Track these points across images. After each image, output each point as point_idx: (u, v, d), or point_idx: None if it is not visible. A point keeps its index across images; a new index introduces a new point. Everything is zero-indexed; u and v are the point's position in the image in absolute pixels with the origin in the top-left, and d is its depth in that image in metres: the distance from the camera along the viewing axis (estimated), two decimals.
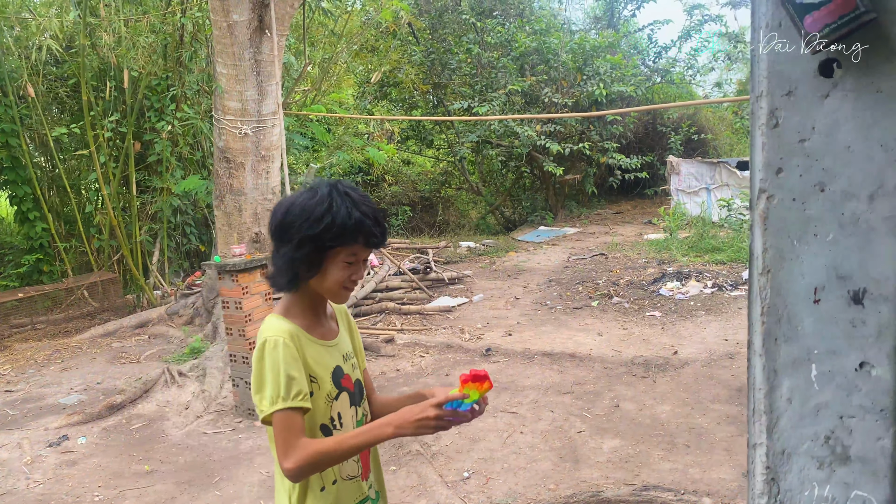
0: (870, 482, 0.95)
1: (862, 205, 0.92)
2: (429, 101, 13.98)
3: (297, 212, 1.68)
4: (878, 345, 0.93)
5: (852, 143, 0.91)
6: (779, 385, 1.00)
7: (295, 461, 1.59)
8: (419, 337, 7.20)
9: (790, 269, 0.97)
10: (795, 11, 0.87)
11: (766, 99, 0.96)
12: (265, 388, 1.63)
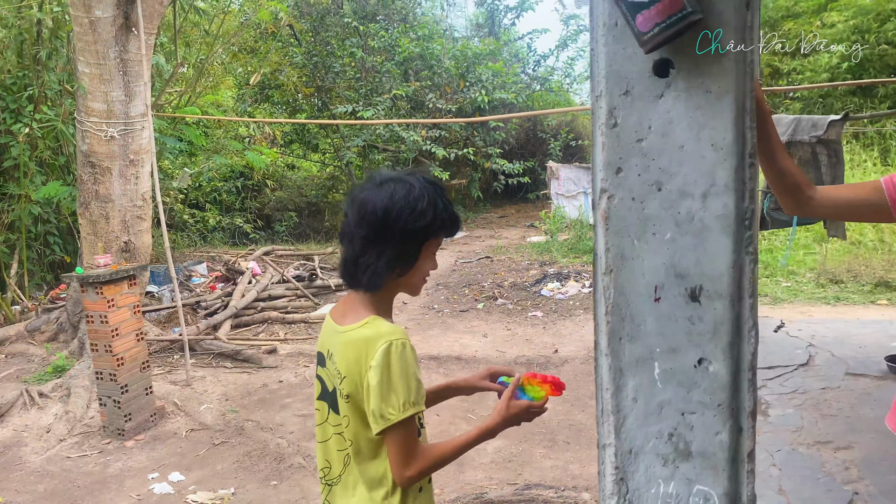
0: (710, 476, 0.97)
1: (696, 203, 0.93)
2: (313, 104, 13.73)
3: (399, 207, 1.62)
4: (715, 341, 0.95)
5: (686, 142, 0.93)
6: (625, 385, 1.00)
7: (418, 467, 1.62)
8: (304, 346, 7.02)
9: (631, 268, 0.97)
10: (628, 10, 0.87)
11: (605, 98, 0.96)
12: (395, 393, 1.57)
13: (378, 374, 1.57)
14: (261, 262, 9.78)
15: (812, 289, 7.90)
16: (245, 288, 8.43)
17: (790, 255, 8.43)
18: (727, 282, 0.93)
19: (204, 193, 12.27)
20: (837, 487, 3.47)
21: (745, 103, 0.91)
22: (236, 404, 5.57)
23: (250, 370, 6.41)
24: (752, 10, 0.90)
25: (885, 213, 1.80)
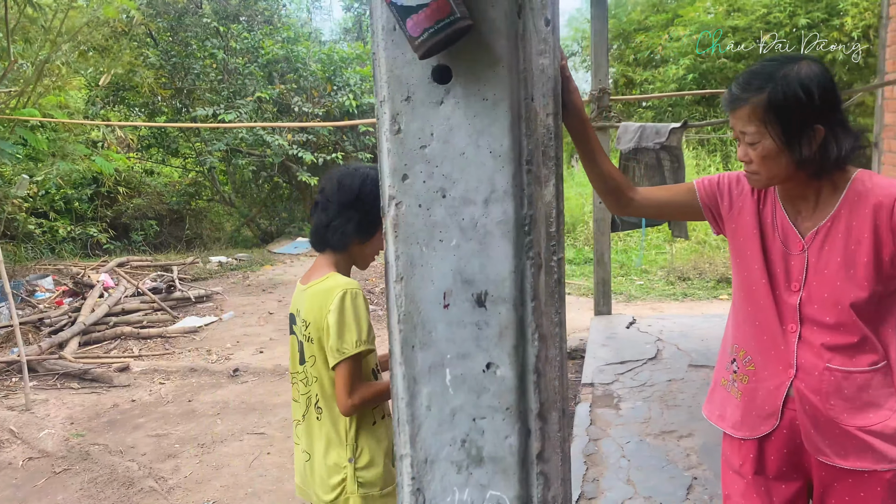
0: (502, 481, 0.97)
1: (479, 210, 0.94)
2: (173, 106, 13.11)
3: (372, 181, 1.99)
4: (501, 345, 0.96)
5: (466, 149, 0.93)
6: (418, 393, 0.99)
7: (359, 396, 1.91)
8: (160, 362, 6.66)
9: (421, 275, 0.97)
10: (398, 14, 0.86)
11: (388, 104, 0.95)
12: (349, 331, 1.89)
13: (335, 316, 1.90)
14: (114, 274, 9.20)
15: (662, 286, 8.41)
16: (95, 302, 7.89)
17: (643, 255, 8.93)
18: (510, 286, 0.94)
19: (51, 201, 11.41)
20: (679, 474, 3.68)
21: (520, 111, 0.92)
22: (83, 427, 5.19)
23: (100, 390, 6.00)
24: (524, 19, 0.92)
25: (697, 213, 1.91)
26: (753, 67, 1.68)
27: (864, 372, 1.70)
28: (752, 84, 1.65)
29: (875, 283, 1.67)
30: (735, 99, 1.68)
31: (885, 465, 1.69)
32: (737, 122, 1.68)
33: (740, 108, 1.67)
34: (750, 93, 1.65)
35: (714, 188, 1.87)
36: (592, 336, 6.04)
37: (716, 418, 1.95)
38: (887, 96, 5.62)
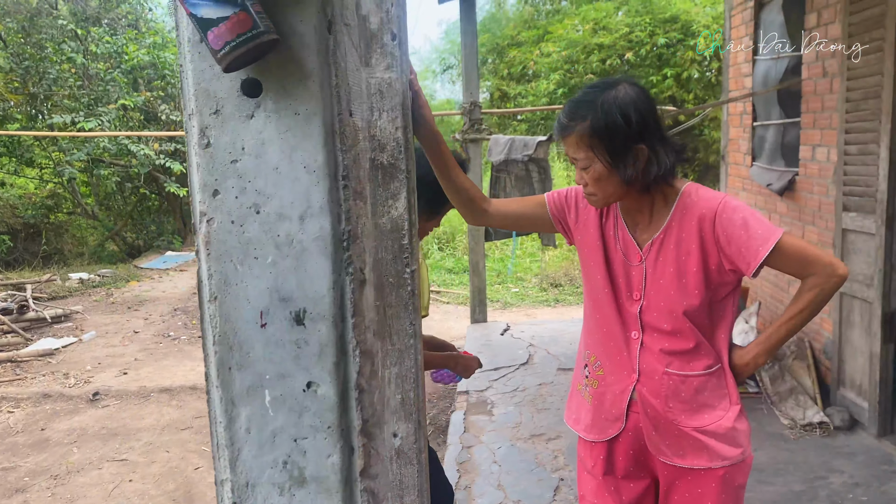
0: (325, 500, 0.96)
1: (294, 226, 0.92)
2: (26, 113, 12.18)
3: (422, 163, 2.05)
4: (321, 363, 0.94)
5: (280, 164, 0.91)
6: (237, 416, 0.95)
7: None
8: (8, 389, 6.14)
9: (236, 294, 0.93)
10: (200, 27, 0.83)
11: (196, 118, 0.91)
12: None
13: None
14: None
15: (536, 293, 8.66)
16: None
17: (517, 262, 9.17)
18: (328, 303, 0.93)
19: None
20: (547, 476, 3.79)
21: (333, 125, 0.92)
22: None
23: None
24: (335, 34, 0.91)
25: (549, 225, 1.98)
26: (577, 96, 1.76)
27: (700, 375, 1.80)
28: (577, 113, 1.73)
29: (705, 291, 1.78)
30: (563, 128, 1.76)
31: (719, 462, 1.80)
32: (568, 149, 1.77)
33: (569, 136, 1.75)
34: (576, 121, 1.73)
35: (563, 201, 1.95)
36: (468, 344, 6.13)
37: (572, 422, 2.02)
38: (731, 112, 6.07)
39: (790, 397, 4.19)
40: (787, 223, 4.88)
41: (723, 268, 1.77)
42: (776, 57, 5.06)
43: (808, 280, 1.77)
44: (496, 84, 14.59)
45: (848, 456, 3.65)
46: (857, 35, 3.81)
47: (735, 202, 1.79)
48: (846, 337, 4.08)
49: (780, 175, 4.91)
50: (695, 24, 12.13)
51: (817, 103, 4.36)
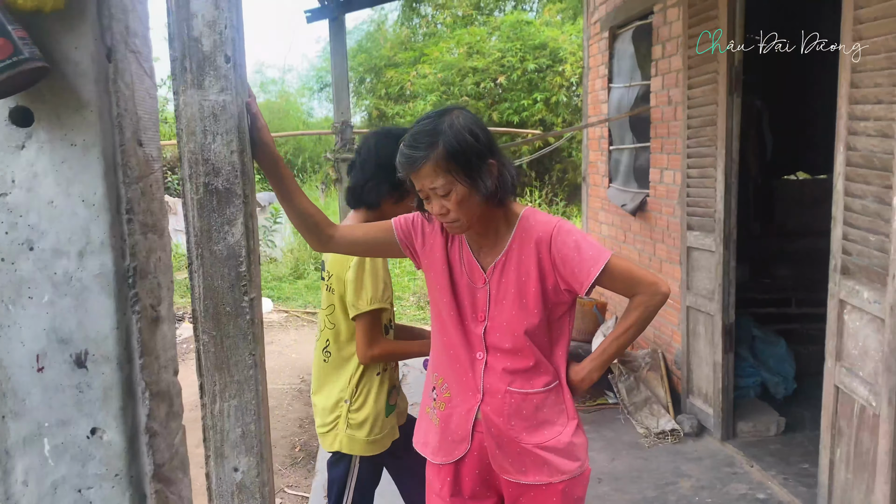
0: None
1: (73, 263, 0.87)
2: None
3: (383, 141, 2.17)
4: (106, 408, 0.89)
5: (55, 198, 0.86)
6: (13, 468, 0.88)
7: (379, 350, 2.17)
8: None
9: (9, 336, 0.87)
10: None
11: None
12: (363, 290, 2.11)
13: (353, 273, 2.12)
14: None
15: (413, 311, 8.69)
16: None
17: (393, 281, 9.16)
18: (113, 344, 0.88)
19: None
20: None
21: (115, 157, 0.87)
22: None
23: None
24: (116, 63, 0.87)
25: (396, 250, 1.94)
26: (417, 129, 1.76)
27: (540, 393, 1.86)
28: (424, 142, 1.73)
29: (543, 311, 1.85)
30: (415, 160, 1.73)
31: (559, 477, 1.86)
32: (424, 181, 1.74)
33: (424, 167, 1.74)
34: (426, 150, 1.73)
35: (409, 226, 1.93)
36: None
37: (420, 446, 2.02)
38: (590, 137, 6.38)
39: (645, 407, 4.41)
40: (641, 241, 5.16)
41: (558, 288, 1.84)
42: (628, 85, 5.37)
43: (635, 298, 1.88)
44: (374, 103, 14.63)
45: (696, 461, 3.87)
46: (696, 67, 4.10)
47: (568, 226, 1.87)
48: (693, 348, 4.35)
49: (634, 196, 5.19)
50: (562, 51, 12.70)
51: (664, 129, 4.66)
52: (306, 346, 7.42)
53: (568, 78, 12.22)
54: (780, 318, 5.10)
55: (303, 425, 5.36)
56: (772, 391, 4.55)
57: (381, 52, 15.38)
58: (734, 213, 3.95)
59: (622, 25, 5.45)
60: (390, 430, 2.36)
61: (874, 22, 2.58)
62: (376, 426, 2.30)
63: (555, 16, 14.65)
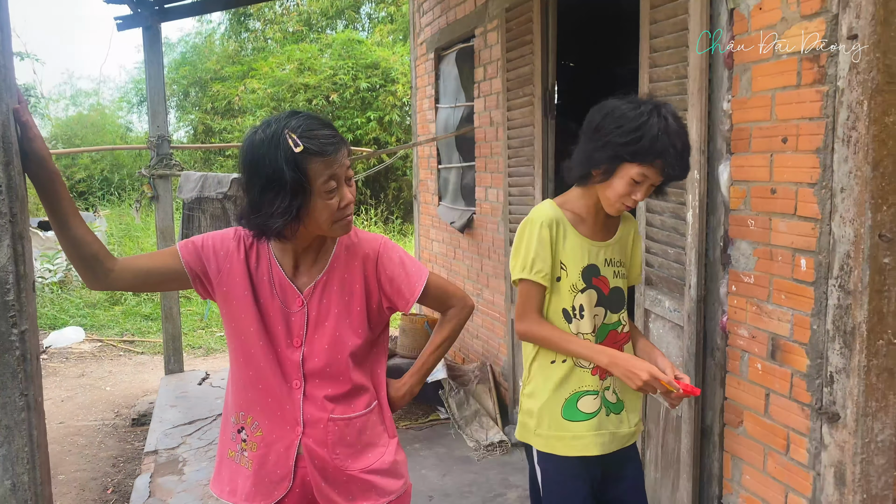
0: None
1: None
2: None
3: (614, 117, 1.84)
4: None
5: None
6: None
7: (524, 327, 1.99)
8: None
9: None
10: None
11: None
12: (517, 258, 1.98)
13: (515, 239, 2.01)
14: None
15: None
16: None
17: (210, 307, 8.73)
18: None
19: None
20: None
21: None
22: None
23: None
24: None
25: (184, 279, 1.74)
26: (317, 116, 1.65)
27: (362, 415, 1.80)
28: (329, 127, 1.64)
29: (367, 330, 1.80)
30: (337, 141, 1.61)
31: (385, 498, 1.81)
32: (342, 165, 1.62)
33: (343, 149, 1.63)
34: (337, 132, 1.64)
35: (199, 251, 1.74)
36: (161, 398, 5.63)
37: (227, 494, 1.83)
38: (420, 155, 6.47)
39: (475, 420, 4.49)
40: (469, 257, 5.28)
41: (382, 306, 1.81)
42: (454, 106, 5.50)
43: (448, 312, 1.91)
44: (200, 118, 13.97)
45: (522, 471, 3.98)
46: (514, 89, 4.28)
47: (392, 243, 1.86)
48: (518, 359, 4.49)
49: (462, 214, 5.31)
50: (394, 71, 12.85)
51: (487, 149, 4.81)
52: (122, 377, 6.87)
53: (400, 98, 12.38)
54: None
55: (117, 464, 4.93)
56: None
57: (206, 65, 14.74)
58: None
59: (446, 47, 5.58)
60: (576, 439, 2.01)
61: (666, 51, 2.81)
62: (548, 420, 2.02)
63: (386, 36, 14.83)
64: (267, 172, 1.57)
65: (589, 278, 2.00)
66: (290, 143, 1.55)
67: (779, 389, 2.32)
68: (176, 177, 5.96)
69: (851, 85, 2.05)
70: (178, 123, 15.98)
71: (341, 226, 1.67)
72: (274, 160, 1.56)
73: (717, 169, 2.60)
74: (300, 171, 1.55)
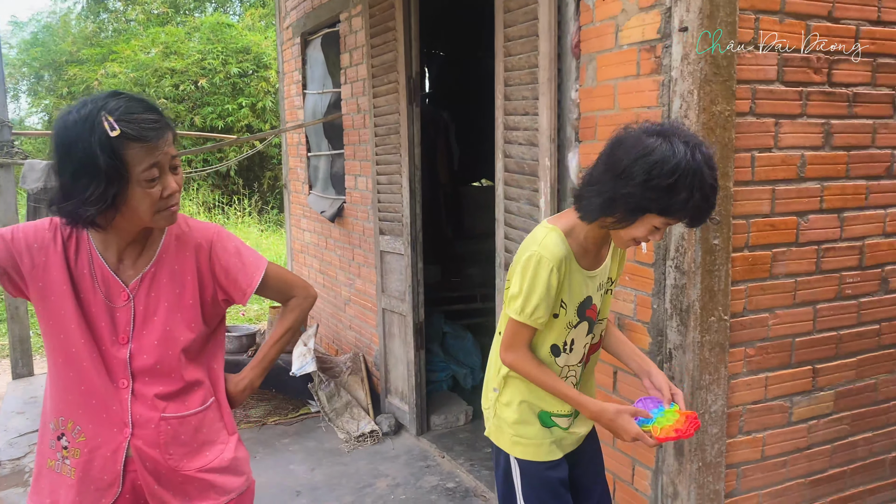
0: None
1: None
2: None
3: (647, 163, 1.57)
4: None
5: None
6: None
7: (511, 360, 1.86)
8: None
9: None
10: None
11: None
12: (519, 296, 1.78)
13: (518, 270, 1.81)
14: None
15: None
16: None
17: None
18: None
19: None
20: None
21: None
22: None
23: None
24: None
25: None
26: (140, 97, 1.53)
27: (197, 413, 1.70)
28: (156, 110, 1.52)
29: (202, 324, 1.70)
30: (161, 126, 1.49)
31: (225, 497, 1.73)
32: (167, 150, 1.51)
33: (168, 134, 1.51)
34: (163, 117, 1.52)
35: (8, 245, 1.59)
36: (7, 405, 5.20)
37: None
38: (289, 143, 6.30)
39: (346, 412, 4.43)
40: (341, 247, 5.20)
41: (217, 298, 1.72)
42: (321, 92, 5.38)
43: (290, 302, 1.85)
44: (55, 103, 12.98)
45: (392, 459, 3.98)
46: (379, 76, 4.23)
47: (227, 232, 1.77)
48: (389, 348, 4.48)
49: (332, 203, 5.21)
50: (266, 56, 12.46)
51: (356, 136, 4.74)
52: None
53: (273, 84, 12.03)
54: (468, 314, 5.49)
55: None
56: (461, 382, 4.87)
57: (61, 46, 13.71)
58: (419, 217, 4.14)
59: (313, 32, 5.46)
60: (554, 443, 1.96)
61: (519, 40, 2.85)
62: (524, 429, 1.95)
63: (257, 21, 14.36)
64: (79, 157, 1.44)
65: (583, 311, 1.88)
66: (105, 127, 1.44)
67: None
68: (19, 166, 5.49)
69: (683, 75, 2.16)
70: (31, 109, 14.77)
71: (164, 216, 1.56)
72: (87, 144, 1.43)
73: (567, 157, 2.67)
74: (116, 157, 1.44)
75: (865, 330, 2.58)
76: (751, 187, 2.27)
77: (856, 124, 2.44)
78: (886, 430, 2.71)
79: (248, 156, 9.58)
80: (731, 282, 2.26)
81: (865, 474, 2.68)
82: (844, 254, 2.49)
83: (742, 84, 2.20)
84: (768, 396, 2.41)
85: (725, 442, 2.34)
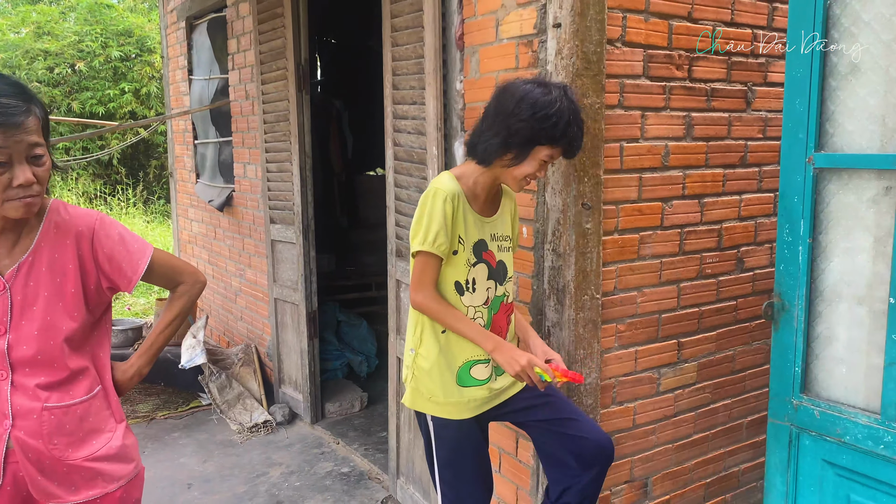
0: None
1: None
2: None
3: (529, 102, 1.87)
4: None
5: None
6: None
7: (421, 299, 1.98)
8: None
9: None
10: None
11: None
12: (419, 229, 1.95)
13: (417, 208, 1.99)
14: None
15: None
16: None
17: None
18: None
19: None
20: None
21: None
22: None
23: None
24: None
25: None
26: (9, 79, 1.47)
27: (82, 402, 1.68)
28: (19, 94, 1.45)
29: (85, 313, 1.67)
30: (14, 112, 1.42)
31: (114, 485, 1.71)
32: (18, 140, 1.44)
33: (30, 119, 1.45)
34: (26, 102, 1.45)
35: None
36: None
37: None
38: (175, 130, 6.10)
39: (238, 403, 4.38)
40: (230, 237, 5.10)
41: (101, 286, 1.70)
42: (208, 78, 5.25)
43: (178, 288, 1.85)
44: None
45: (286, 448, 3.97)
46: (267, 63, 4.18)
47: (110, 219, 1.74)
48: (282, 338, 4.45)
49: (220, 191, 5.11)
50: (150, 40, 11.93)
51: (244, 123, 4.66)
52: None
53: (158, 69, 11.53)
54: (363, 302, 5.53)
55: None
56: (356, 370, 4.91)
57: None
58: (311, 205, 4.13)
59: (199, 16, 5.30)
60: (470, 402, 2.09)
61: (406, 31, 2.91)
62: (441, 389, 2.07)
63: (140, 2, 13.70)
64: None
65: (479, 253, 2.05)
66: None
67: None
68: None
69: (557, 69, 2.28)
70: None
71: (14, 207, 1.52)
72: None
73: (454, 146, 2.77)
74: None
75: (724, 306, 2.83)
76: (620, 175, 2.44)
77: (714, 117, 2.65)
78: (742, 396, 2.97)
79: (131, 143, 9.17)
80: (602, 263, 2.42)
81: (725, 438, 2.94)
82: (704, 236, 2.71)
83: (611, 78, 2.36)
84: (638, 369, 2.60)
85: (600, 412, 2.51)
